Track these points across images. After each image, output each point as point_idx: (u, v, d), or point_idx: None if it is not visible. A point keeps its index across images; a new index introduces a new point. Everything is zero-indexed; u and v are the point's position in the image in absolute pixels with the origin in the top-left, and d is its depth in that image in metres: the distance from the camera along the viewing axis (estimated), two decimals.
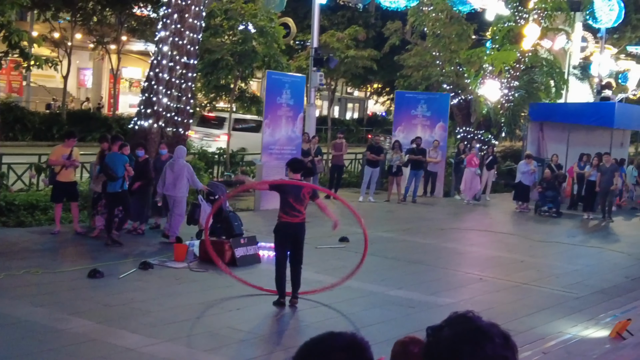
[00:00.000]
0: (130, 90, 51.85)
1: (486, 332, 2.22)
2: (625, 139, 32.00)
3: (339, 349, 2.30)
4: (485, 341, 2.19)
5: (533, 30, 27.12)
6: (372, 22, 44.47)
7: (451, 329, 2.24)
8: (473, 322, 2.25)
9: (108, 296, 10.64)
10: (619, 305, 12.51)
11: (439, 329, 2.27)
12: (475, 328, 2.23)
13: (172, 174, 14.73)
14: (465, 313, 2.29)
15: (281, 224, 10.86)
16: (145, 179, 15.32)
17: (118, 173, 14.11)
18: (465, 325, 2.25)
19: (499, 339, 2.22)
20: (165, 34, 17.49)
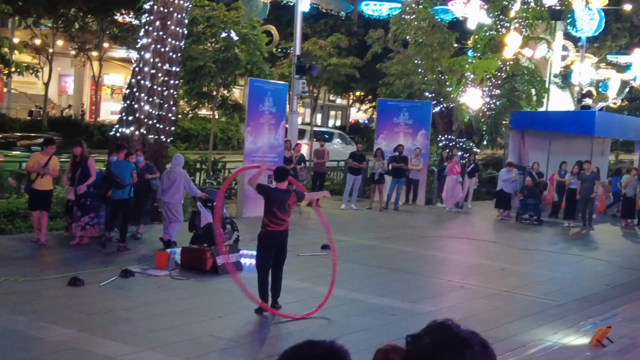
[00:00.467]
0: (112, 97, 51.68)
1: (465, 340, 2.22)
2: (605, 148, 32.25)
3: (318, 357, 2.29)
4: (464, 349, 2.20)
5: (514, 39, 27.27)
6: (354, 30, 44.64)
7: (430, 337, 2.25)
8: (452, 330, 2.26)
9: (89, 304, 10.58)
10: (599, 313, 12.58)
11: (419, 337, 2.27)
12: (454, 336, 2.24)
13: (169, 180, 15.17)
14: (445, 321, 2.30)
15: (266, 233, 10.86)
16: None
17: (125, 180, 14.61)
18: (445, 333, 2.25)
19: (478, 347, 2.23)
20: (148, 41, 17.45)
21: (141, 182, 15.50)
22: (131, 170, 14.80)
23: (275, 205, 10.79)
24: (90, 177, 14.60)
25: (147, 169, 15.84)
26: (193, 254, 13.21)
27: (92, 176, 14.60)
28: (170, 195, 15.11)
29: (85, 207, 14.70)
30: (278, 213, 10.78)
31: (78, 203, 14.70)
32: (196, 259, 13.14)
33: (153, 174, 15.90)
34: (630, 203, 25.14)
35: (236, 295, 11.59)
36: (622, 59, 51.31)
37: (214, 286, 12.23)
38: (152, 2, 17.61)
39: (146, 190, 15.83)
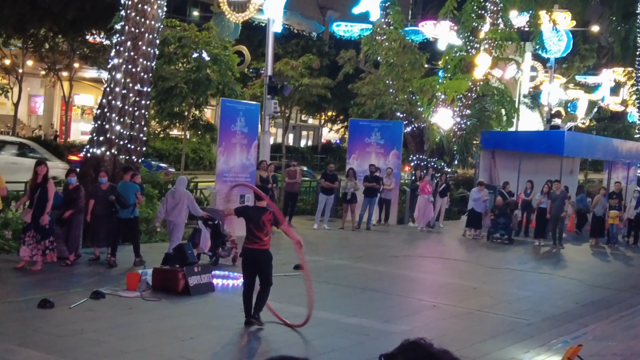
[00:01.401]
0: (83, 118, 51.40)
1: (438, 359, 2.24)
2: (575, 167, 32.56)
3: None
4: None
5: (484, 60, 27.55)
6: (326, 51, 44.91)
7: (404, 357, 2.27)
8: (425, 349, 2.28)
9: (59, 326, 10.46)
10: (570, 331, 12.66)
11: (392, 356, 2.29)
12: (427, 355, 2.26)
13: (173, 200, 15.80)
14: (417, 340, 2.31)
15: (243, 249, 11.16)
16: (76, 207, 14.96)
17: (130, 200, 15.35)
18: (418, 352, 2.27)
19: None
20: (119, 62, 17.41)
21: (103, 204, 15.25)
22: (136, 191, 15.57)
23: (252, 223, 10.97)
24: (47, 201, 14.19)
25: (110, 191, 15.39)
26: (165, 275, 13.13)
27: (49, 200, 14.23)
28: (174, 214, 15.75)
29: (45, 231, 14.25)
30: (254, 230, 10.93)
31: (37, 226, 14.19)
32: (168, 280, 13.06)
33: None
34: (599, 222, 25.40)
35: (208, 316, 11.55)
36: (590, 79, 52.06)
37: (186, 307, 12.16)
38: (124, 22, 17.60)
39: (109, 213, 15.38)
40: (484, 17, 28.58)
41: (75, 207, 14.92)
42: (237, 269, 15.12)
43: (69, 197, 14.85)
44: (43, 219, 14.15)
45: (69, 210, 14.79)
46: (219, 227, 15.99)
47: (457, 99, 27.57)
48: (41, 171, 14.37)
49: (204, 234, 15.71)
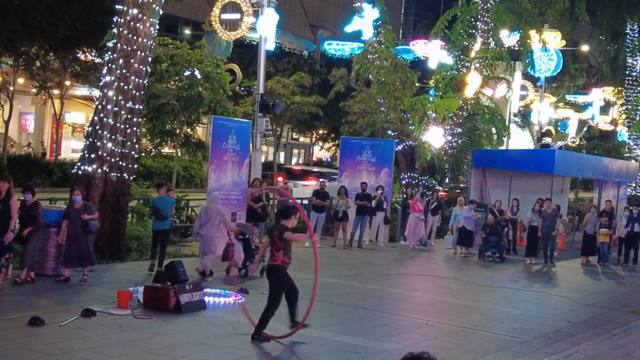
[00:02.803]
0: (73, 136, 51.28)
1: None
2: (565, 186, 32.69)
3: None
4: None
5: (475, 79, 27.67)
6: (317, 69, 45.05)
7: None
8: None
9: (49, 344, 10.39)
10: (561, 350, 12.65)
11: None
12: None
13: (206, 216, 16.87)
14: (421, 354, 2.31)
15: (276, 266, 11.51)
16: (35, 224, 14.58)
17: (167, 213, 16.85)
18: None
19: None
20: (111, 79, 17.41)
21: (78, 223, 14.93)
22: (171, 205, 17.28)
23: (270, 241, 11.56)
24: (11, 218, 13.85)
25: (84, 210, 15.10)
26: (156, 293, 13.08)
27: (13, 217, 13.92)
28: (206, 229, 16.75)
29: (3, 247, 13.85)
30: (271, 248, 11.43)
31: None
32: (159, 298, 13.00)
33: (91, 215, 15.19)
34: (591, 240, 25.46)
35: (200, 334, 11.49)
36: (580, 98, 52.35)
37: (177, 325, 12.10)
38: (116, 40, 17.61)
39: (84, 232, 14.98)
40: (475, 37, 28.76)
41: (34, 224, 14.51)
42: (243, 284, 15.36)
43: (26, 214, 14.47)
44: (7, 237, 13.76)
45: (27, 228, 14.41)
46: (249, 241, 17.32)
47: (448, 117, 27.66)
48: (3, 187, 13.87)
49: (237, 248, 16.79)
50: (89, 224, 15.03)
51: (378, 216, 25.12)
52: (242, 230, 17.40)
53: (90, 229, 15.08)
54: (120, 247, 17.76)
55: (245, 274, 16.99)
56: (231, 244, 16.84)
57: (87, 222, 14.98)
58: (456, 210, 25.52)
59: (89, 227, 15.04)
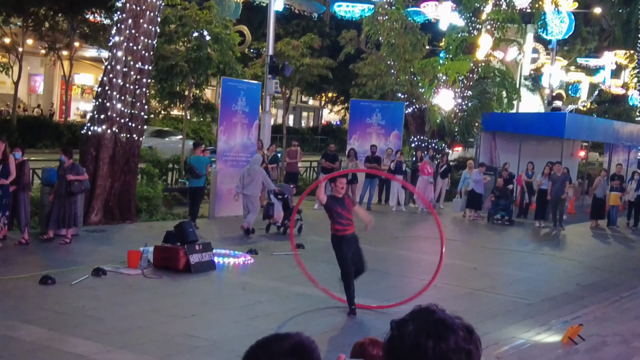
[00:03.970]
0: (83, 97, 51.25)
1: (449, 326, 2.23)
2: (575, 149, 32.54)
3: (285, 353, 2.24)
4: (448, 334, 2.21)
5: (486, 41, 27.43)
6: (327, 31, 44.68)
7: (414, 323, 2.25)
8: (436, 315, 2.27)
9: (60, 303, 10.48)
10: (570, 312, 12.68)
11: (403, 322, 2.27)
12: (438, 321, 2.24)
13: (249, 177, 17.70)
14: (429, 306, 2.30)
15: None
16: (19, 184, 14.33)
17: (202, 172, 17.96)
18: (429, 318, 2.26)
19: (463, 333, 2.24)
20: (120, 39, 17.33)
21: (63, 183, 14.58)
22: (206, 164, 18.23)
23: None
24: (10, 174, 13.85)
25: (71, 170, 14.73)
26: (166, 253, 13.14)
27: (12, 174, 13.90)
28: (250, 189, 17.62)
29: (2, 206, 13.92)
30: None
31: None
32: (169, 258, 13.07)
33: (77, 175, 14.77)
34: (600, 204, 25.40)
35: (209, 294, 11.56)
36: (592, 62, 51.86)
37: (186, 285, 12.17)
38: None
39: (67, 193, 14.54)
40: None
41: (19, 183, 14.24)
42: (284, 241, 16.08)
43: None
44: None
45: (12, 186, 14.15)
46: (288, 200, 18.13)
47: (459, 80, 27.49)
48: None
49: (276, 206, 17.76)
50: (71, 185, 14.54)
51: None
52: (281, 190, 18.24)
53: (72, 190, 14.54)
54: (130, 208, 17.81)
55: (284, 232, 17.70)
56: (271, 203, 17.87)
57: (70, 183, 14.48)
58: (465, 173, 25.46)
59: (71, 189, 14.57)
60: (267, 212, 18.02)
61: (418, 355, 2.20)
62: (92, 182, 16.79)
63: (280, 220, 17.93)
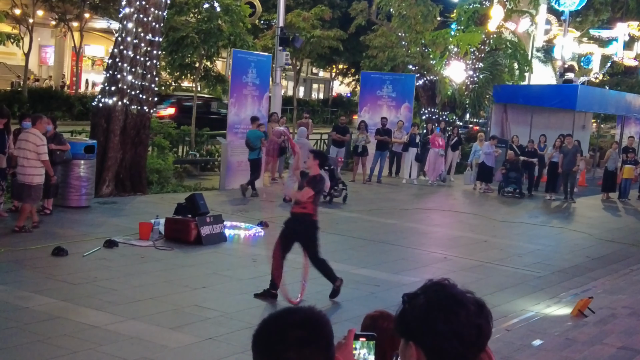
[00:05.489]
0: (93, 69, 51.25)
1: (460, 300, 2.25)
2: (587, 122, 32.38)
3: (296, 326, 2.26)
4: (459, 308, 2.22)
5: (498, 12, 27.25)
6: (337, 2, 44.40)
7: (426, 297, 2.27)
8: (448, 290, 2.28)
9: (72, 274, 10.56)
10: (580, 285, 12.70)
11: (414, 296, 2.29)
12: (449, 295, 2.26)
13: None
14: (441, 280, 2.32)
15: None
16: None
17: (256, 145, 18.91)
18: (440, 292, 2.27)
19: (474, 307, 2.25)
20: (130, 11, 17.28)
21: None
22: (260, 138, 19.06)
23: None
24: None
25: (54, 139, 14.30)
26: (177, 225, 13.19)
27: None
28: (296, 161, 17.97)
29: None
30: None
31: None
32: (180, 230, 13.12)
33: (59, 145, 14.45)
34: (611, 176, 25.32)
35: (220, 266, 11.62)
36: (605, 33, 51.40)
37: (197, 257, 12.23)
38: None
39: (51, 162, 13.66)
40: None
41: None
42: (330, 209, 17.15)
43: None
44: None
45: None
46: (334, 171, 19.25)
47: (470, 52, 27.35)
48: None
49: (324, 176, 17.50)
50: (53, 155, 14.11)
51: (410, 152, 24.97)
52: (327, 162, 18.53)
53: (55, 159, 14.15)
54: (141, 180, 17.87)
55: (330, 200, 18.96)
56: None
57: (52, 152, 14.03)
58: (476, 146, 25.40)
59: (54, 158, 14.09)
60: None
61: (429, 329, 2.21)
62: (103, 154, 16.85)
63: (327, 190, 18.69)
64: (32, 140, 12.98)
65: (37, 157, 12.97)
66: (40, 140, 13.05)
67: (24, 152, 12.99)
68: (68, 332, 8.28)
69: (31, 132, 13.08)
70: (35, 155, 12.95)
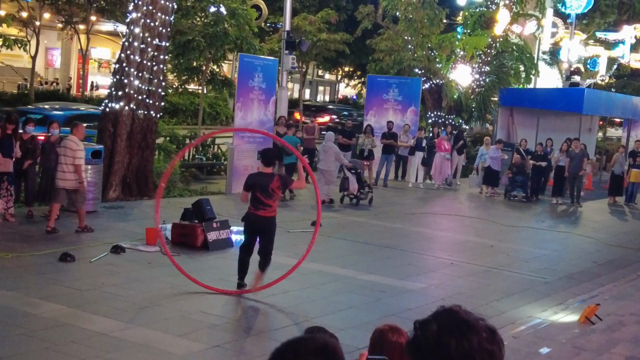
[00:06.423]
0: (99, 71, 51.34)
1: (473, 326, 2.25)
2: (593, 125, 32.33)
3: (310, 353, 2.27)
4: (471, 335, 2.23)
5: (504, 16, 27.23)
6: (343, 5, 44.42)
7: (438, 323, 2.27)
8: (460, 316, 2.29)
9: (79, 280, 10.58)
10: (587, 290, 12.69)
11: (426, 322, 2.30)
12: (461, 322, 2.26)
13: (324, 153, 19.53)
14: (453, 307, 2.32)
15: (248, 214, 10.66)
16: (34, 157, 14.56)
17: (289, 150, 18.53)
18: (452, 318, 2.28)
19: (486, 333, 2.26)
20: (137, 16, 17.31)
21: (50, 156, 14.34)
22: (295, 143, 19.19)
23: (258, 189, 10.48)
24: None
25: (60, 143, 14.24)
26: (184, 230, 13.22)
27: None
28: (323, 164, 19.48)
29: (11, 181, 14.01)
30: (262, 198, 10.47)
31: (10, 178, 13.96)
32: (187, 235, 13.14)
33: None
34: (618, 180, 25.27)
35: (227, 271, 11.62)
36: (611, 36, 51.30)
37: (204, 262, 12.24)
38: None
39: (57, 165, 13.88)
40: None
41: (33, 157, 14.46)
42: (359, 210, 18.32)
43: (25, 147, 14.29)
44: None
45: (27, 161, 14.32)
46: (360, 174, 19.91)
47: (476, 55, 27.32)
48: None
49: (351, 180, 19.62)
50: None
51: (417, 156, 24.94)
52: (354, 165, 19.94)
53: None
54: (147, 184, 17.89)
55: (357, 202, 19.70)
56: (346, 177, 19.71)
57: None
58: (482, 149, 25.38)
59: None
60: (342, 185, 19.82)
61: (441, 355, 2.22)
62: (110, 158, 16.89)
63: (355, 193, 19.67)
64: (69, 146, 13.49)
65: (72, 161, 13.39)
66: (76, 145, 13.52)
67: (64, 159, 13.45)
68: (76, 339, 8.29)
69: (70, 138, 13.64)
70: (72, 160, 13.39)
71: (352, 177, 19.71)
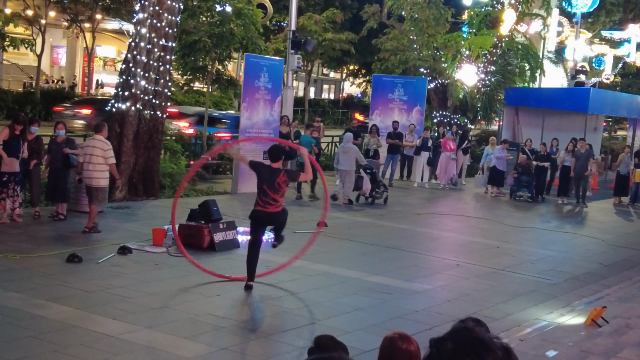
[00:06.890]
0: (104, 69, 51.40)
1: (488, 345, 2.27)
2: (598, 124, 32.30)
3: None
4: (486, 353, 2.24)
5: (510, 16, 27.21)
6: (348, 4, 44.45)
7: (453, 341, 2.29)
8: (475, 334, 2.30)
9: (87, 282, 10.60)
10: (593, 292, 12.69)
11: (442, 340, 2.31)
12: (477, 340, 2.28)
13: (344, 154, 19.71)
14: (468, 325, 2.34)
15: (256, 211, 10.89)
16: (39, 157, 14.69)
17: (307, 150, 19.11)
18: (467, 337, 2.29)
19: (501, 352, 2.27)
20: (144, 16, 17.33)
21: (58, 157, 14.47)
22: (311, 143, 19.88)
23: (265, 183, 10.74)
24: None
25: (66, 144, 14.63)
26: (190, 231, 13.23)
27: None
28: (343, 164, 19.64)
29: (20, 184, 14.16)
30: (269, 191, 10.73)
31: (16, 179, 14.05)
32: (193, 236, 13.16)
33: (73, 149, 14.57)
34: (623, 180, 25.24)
35: (233, 272, 11.64)
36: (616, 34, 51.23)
37: (211, 263, 12.25)
38: None
39: (64, 166, 14.44)
40: None
41: (38, 157, 14.56)
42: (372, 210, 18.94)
43: (29, 147, 14.28)
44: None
45: (32, 161, 14.37)
46: (376, 174, 20.41)
47: (482, 55, 27.31)
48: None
49: (365, 180, 19.90)
50: (70, 158, 14.40)
51: (422, 156, 24.94)
52: (369, 165, 20.21)
53: (71, 162, 14.39)
54: (153, 184, 17.92)
55: (372, 202, 20.01)
56: (361, 177, 19.91)
57: (68, 156, 14.39)
58: (488, 149, 25.35)
59: (69, 161, 14.40)
60: (357, 184, 19.95)
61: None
62: (117, 159, 16.85)
63: (368, 192, 19.97)
64: (99, 145, 13.79)
65: (105, 161, 13.77)
66: (106, 145, 13.94)
67: (90, 157, 13.73)
68: (84, 341, 8.32)
69: (97, 138, 13.92)
70: (102, 159, 13.74)
71: (366, 177, 20.02)
